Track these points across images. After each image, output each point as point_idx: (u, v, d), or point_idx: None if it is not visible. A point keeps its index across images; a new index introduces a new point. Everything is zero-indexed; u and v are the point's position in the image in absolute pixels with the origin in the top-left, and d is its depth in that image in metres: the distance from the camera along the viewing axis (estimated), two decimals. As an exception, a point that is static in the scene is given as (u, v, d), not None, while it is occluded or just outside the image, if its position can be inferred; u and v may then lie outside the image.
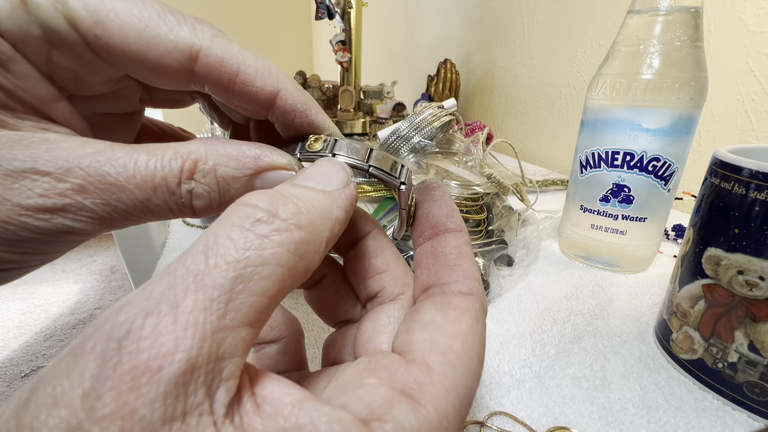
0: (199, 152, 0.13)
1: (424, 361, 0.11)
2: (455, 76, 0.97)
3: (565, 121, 0.79)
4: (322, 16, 0.91)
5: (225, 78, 0.14)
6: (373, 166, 0.14)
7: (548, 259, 0.40)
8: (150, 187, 0.12)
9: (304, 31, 2.74)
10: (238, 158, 0.13)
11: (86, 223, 0.12)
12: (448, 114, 0.37)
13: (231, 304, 0.09)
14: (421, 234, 0.15)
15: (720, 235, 0.22)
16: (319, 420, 0.09)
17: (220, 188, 0.13)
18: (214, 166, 0.13)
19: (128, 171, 0.12)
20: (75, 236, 0.12)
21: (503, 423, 0.21)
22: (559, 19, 0.78)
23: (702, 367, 0.23)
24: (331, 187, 0.12)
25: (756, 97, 0.49)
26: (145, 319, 0.08)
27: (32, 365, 1.39)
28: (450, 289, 0.13)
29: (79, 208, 0.12)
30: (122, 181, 0.12)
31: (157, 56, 0.13)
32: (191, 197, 0.13)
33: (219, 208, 0.13)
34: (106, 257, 2.15)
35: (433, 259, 0.14)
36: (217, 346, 0.09)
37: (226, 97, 0.14)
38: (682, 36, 0.30)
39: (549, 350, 0.26)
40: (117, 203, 0.12)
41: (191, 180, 0.12)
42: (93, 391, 0.07)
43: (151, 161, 0.12)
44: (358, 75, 0.98)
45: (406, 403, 0.10)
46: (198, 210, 0.13)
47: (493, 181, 0.37)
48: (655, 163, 0.33)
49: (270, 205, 0.10)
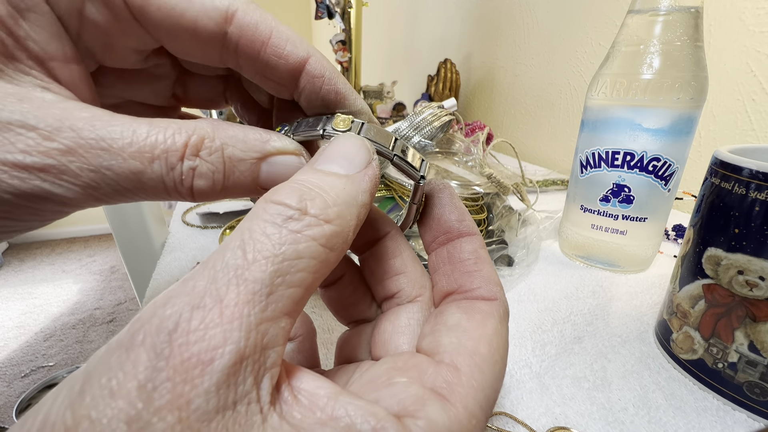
0: (205, 130, 0.12)
1: (452, 362, 0.11)
2: (455, 75, 0.97)
3: (565, 121, 0.79)
4: (322, 16, 0.91)
5: (258, 41, 0.14)
6: (397, 156, 0.14)
7: (548, 259, 0.40)
8: (147, 159, 0.11)
9: (304, 31, 2.74)
10: (246, 140, 0.13)
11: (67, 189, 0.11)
12: (448, 114, 0.37)
13: (272, 296, 0.09)
14: (434, 239, 0.15)
15: (720, 235, 0.22)
16: (354, 413, 0.09)
17: (225, 169, 0.12)
18: (222, 146, 0.12)
19: (125, 139, 0.11)
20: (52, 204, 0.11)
21: (503, 423, 0.21)
22: (559, 19, 0.78)
23: (702, 367, 0.23)
24: (353, 170, 0.12)
25: (756, 97, 0.49)
26: (192, 313, 0.08)
27: (32, 365, 1.39)
28: (473, 295, 0.13)
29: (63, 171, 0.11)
30: (116, 148, 0.11)
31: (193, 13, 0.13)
32: (193, 176, 0.12)
33: (219, 192, 0.13)
34: (106, 257, 2.15)
35: (451, 266, 0.14)
36: (261, 337, 0.09)
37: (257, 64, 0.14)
38: (683, 36, 0.30)
39: (549, 350, 0.26)
40: (107, 171, 0.11)
41: (196, 157, 0.12)
42: (149, 383, 0.08)
43: (153, 132, 0.11)
44: (358, 75, 0.98)
45: (437, 401, 0.10)
46: (197, 191, 0.12)
47: (493, 181, 0.37)
48: (655, 163, 0.33)
49: (299, 203, 0.10)
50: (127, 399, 0.08)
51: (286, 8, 2.63)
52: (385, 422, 0.09)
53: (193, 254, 0.38)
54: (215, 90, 0.18)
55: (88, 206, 0.12)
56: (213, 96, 0.18)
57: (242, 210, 0.47)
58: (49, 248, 2.24)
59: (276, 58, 0.14)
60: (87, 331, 1.58)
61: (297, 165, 0.14)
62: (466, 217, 0.15)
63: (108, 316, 1.67)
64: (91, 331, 1.57)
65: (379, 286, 0.16)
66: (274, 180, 0.13)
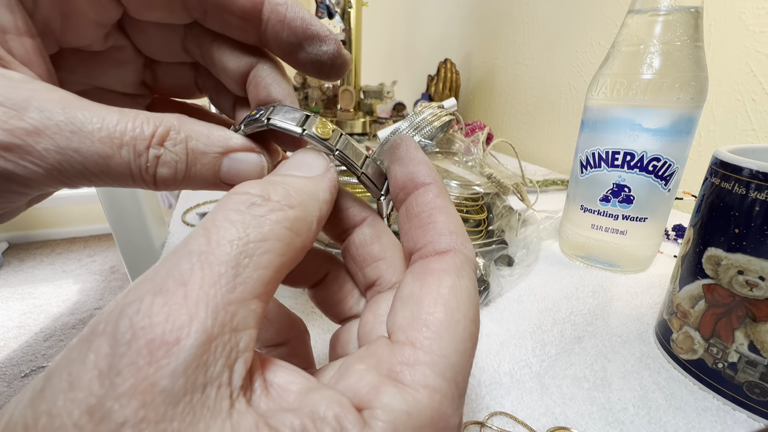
0: (172, 122, 0.13)
1: (407, 339, 0.11)
2: (455, 75, 0.97)
3: (566, 121, 0.79)
4: (321, 16, 0.91)
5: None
6: (364, 174, 0.15)
7: (548, 259, 0.40)
8: (117, 144, 0.12)
9: (304, 31, 2.74)
10: (209, 135, 0.13)
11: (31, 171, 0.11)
12: (448, 114, 0.37)
13: (239, 278, 0.09)
14: (396, 198, 0.14)
15: (720, 235, 0.22)
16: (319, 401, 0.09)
17: (188, 160, 0.13)
18: (186, 138, 0.13)
19: (95, 123, 0.11)
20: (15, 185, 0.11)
21: (503, 423, 0.21)
22: (559, 19, 0.78)
23: (702, 367, 0.23)
24: (313, 173, 0.13)
25: (756, 97, 0.49)
26: (155, 298, 0.08)
27: (32, 365, 1.39)
28: (426, 252, 0.13)
29: (27, 152, 0.11)
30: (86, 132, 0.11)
31: None
32: (157, 163, 0.12)
33: (181, 183, 0.13)
34: (106, 257, 2.15)
35: (408, 223, 0.13)
36: (231, 318, 0.09)
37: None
38: (683, 36, 0.30)
39: (549, 350, 0.26)
40: (74, 153, 0.11)
41: (161, 146, 0.12)
42: (110, 369, 0.07)
43: (123, 120, 0.12)
44: (358, 75, 0.98)
45: (392, 387, 0.10)
46: (160, 179, 0.13)
47: (494, 181, 0.37)
48: (655, 163, 0.33)
49: (262, 191, 0.11)
50: (87, 389, 0.07)
51: (286, 8, 2.62)
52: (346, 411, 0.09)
53: (193, 254, 0.38)
54: (186, 78, 0.18)
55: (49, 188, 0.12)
56: (185, 84, 0.18)
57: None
58: (49, 248, 2.24)
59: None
60: (87, 331, 1.58)
61: (257, 162, 0.14)
62: (421, 167, 0.14)
63: (108, 316, 1.67)
64: (91, 331, 1.57)
65: (361, 275, 0.15)
66: (234, 175, 0.14)
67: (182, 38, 0.16)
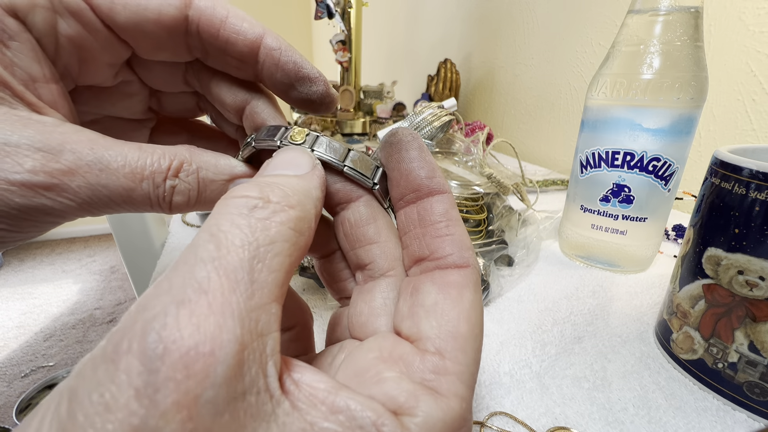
0: (184, 155, 0.14)
1: (436, 350, 0.12)
2: (455, 75, 0.97)
3: (565, 121, 0.79)
4: (321, 16, 0.91)
5: (216, 20, 0.15)
6: (347, 166, 0.15)
7: (548, 259, 0.40)
8: (138, 179, 0.13)
9: (303, 30, 2.74)
10: (217, 165, 0.15)
11: (66, 204, 0.12)
12: (448, 114, 0.37)
13: (255, 283, 0.09)
14: (402, 197, 0.15)
15: (720, 235, 0.22)
16: (355, 407, 0.10)
17: (199, 188, 0.15)
18: (197, 168, 0.15)
19: (119, 161, 0.13)
20: (51, 217, 0.13)
21: (503, 423, 0.21)
22: (559, 19, 0.78)
23: (702, 367, 0.23)
24: (301, 171, 0.13)
25: (756, 97, 0.49)
26: (179, 309, 0.08)
27: (32, 365, 1.39)
28: (446, 263, 0.13)
29: (64, 189, 0.12)
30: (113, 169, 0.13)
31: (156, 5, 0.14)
32: (173, 192, 0.14)
33: (193, 206, 0.15)
34: (106, 257, 2.15)
35: (422, 229, 0.14)
36: (255, 324, 0.09)
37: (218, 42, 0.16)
38: (683, 36, 0.30)
39: (549, 350, 0.26)
40: (102, 189, 0.13)
41: (176, 177, 0.14)
42: (147, 387, 0.07)
43: (143, 156, 0.13)
44: (358, 75, 0.98)
45: (429, 396, 0.11)
46: (175, 205, 0.14)
47: (493, 181, 0.37)
48: (655, 163, 0.33)
49: (261, 193, 0.11)
50: (126, 410, 0.07)
51: (286, 8, 2.63)
52: (384, 418, 0.10)
53: (193, 254, 0.38)
54: (189, 103, 0.20)
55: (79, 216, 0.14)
56: (188, 107, 0.20)
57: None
58: (49, 248, 2.24)
59: (235, 35, 0.15)
60: (87, 331, 1.58)
61: None
62: (437, 173, 0.14)
63: (108, 316, 1.67)
64: (91, 331, 1.57)
65: (352, 253, 0.15)
66: None
67: (183, 72, 0.18)
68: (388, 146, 0.15)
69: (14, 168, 0.12)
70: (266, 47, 0.16)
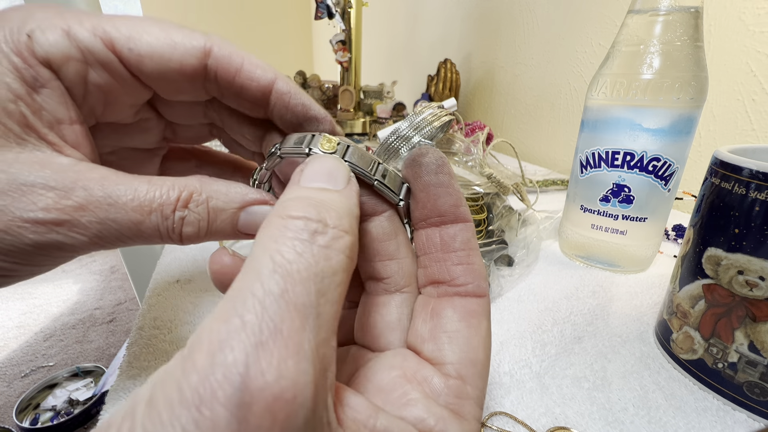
0: (194, 185, 0.15)
1: (458, 375, 0.13)
2: (455, 75, 0.97)
3: (565, 121, 0.79)
4: (321, 16, 0.91)
5: (232, 68, 0.16)
6: (378, 180, 0.14)
7: (548, 259, 0.40)
8: (147, 211, 0.14)
9: (304, 31, 2.74)
10: (227, 194, 0.15)
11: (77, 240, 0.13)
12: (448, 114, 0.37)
13: (320, 318, 0.09)
14: (426, 218, 0.15)
15: (720, 235, 0.22)
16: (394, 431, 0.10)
17: (209, 218, 0.15)
18: (207, 198, 0.15)
19: (128, 195, 0.13)
20: (64, 252, 0.13)
21: (503, 423, 0.21)
22: (559, 19, 0.78)
23: (702, 367, 0.23)
24: (340, 186, 0.13)
25: (756, 97, 0.49)
26: (258, 351, 0.08)
27: (32, 365, 1.39)
28: (465, 291, 0.14)
29: (75, 225, 0.13)
30: (121, 204, 0.13)
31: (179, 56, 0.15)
32: (182, 224, 0.14)
33: (203, 237, 0.15)
34: (106, 257, 2.15)
35: (444, 254, 0.15)
36: (321, 360, 0.09)
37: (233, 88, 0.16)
38: (683, 36, 0.30)
39: (549, 350, 0.26)
40: (111, 223, 0.13)
41: (185, 208, 0.14)
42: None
43: (152, 189, 0.14)
44: (358, 75, 0.98)
45: (456, 419, 0.12)
46: (185, 236, 0.15)
47: (493, 181, 0.37)
48: (655, 163, 0.33)
49: (319, 215, 0.11)
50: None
51: (286, 8, 2.63)
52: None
53: (193, 254, 0.38)
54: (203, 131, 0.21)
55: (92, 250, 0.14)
56: (202, 135, 0.21)
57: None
58: (49, 248, 2.23)
59: (249, 81, 0.16)
60: (87, 331, 1.58)
61: None
62: (462, 202, 0.15)
63: (108, 316, 1.67)
64: (91, 331, 1.57)
65: (369, 265, 0.16)
66: (250, 226, 0.15)
67: (204, 108, 0.19)
68: (417, 166, 0.15)
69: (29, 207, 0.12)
70: (277, 91, 0.17)
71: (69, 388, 1.22)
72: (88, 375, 1.28)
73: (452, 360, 0.13)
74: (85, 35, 0.14)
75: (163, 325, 0.27)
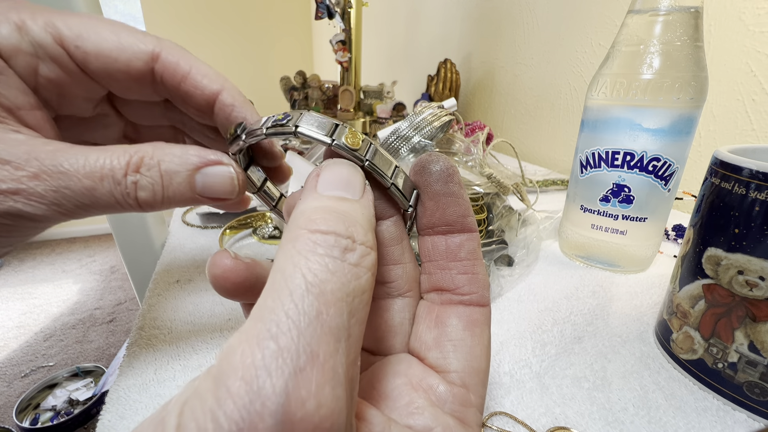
0: (146, 150, 0.15)
1: (462, 383, 0.13)
2: (455, 75, 0.97)
3: (565, 121, 0.79)
4: (322, 16, 0.91)
5: (178, 75, 0.17)
6: (394, 185, 0.14)
7: (548, 259, 0.40)
8: (98, 177, 0.14)
9: (304, 31, 2.74)
10: (182, 156, 0.15)
11: (36, 207, 0.14)
12: (448, 114, 0.37)
13: (350, 339, 0.09)
14: (434, 227, 0.15)
15: (720, 235, 0.22)
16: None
17: (163, 181, 0.15)
18: (159, 162, 0.15)
19: (79, 163, 0.14)
20: (26, 221, 0.14)
21: (503, 423, 0.21)
22: (559, 19, 0.78)
23: (702, 367, 0.23)
24: (358, 195, 0.12)
25: (756, 97, 0.49)
26: (297, 379, 0.08)
27: (32, 365, 1.39)
28: (469, 300, 0.14)
29: (31, 193, 0.13)
30: (72, 171, 0.14)
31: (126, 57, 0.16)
32: (136, 189, 0.15)
33: (163, 202, 0.15)
34: (106, 257, 2.15)
35: (448, 262, 0.15)
36: (350, 383, 0.09)
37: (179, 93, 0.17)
38: (682, 36, 0.30)
39: (549, 350, 0.26)
40: (66, 190, 0.14)
41: (137, 173, 0.14)
42: None
43: (102, 156, 0.14)
44: (358, 75, 0.98)
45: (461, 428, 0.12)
46: (142, 201, 0.15)
47: (493, 181, 0.37)
48: (655, 163, 0.33)
49: (347, 231, 0.10)
50: None
51: (286, 8, 2.63)
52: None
53: (193, 254, 0.38)
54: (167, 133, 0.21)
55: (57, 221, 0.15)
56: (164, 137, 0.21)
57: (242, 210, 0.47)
58: (49, 248, 2.24)
59: (193, 89, 0.17)
60: (87, 331, 1.58)
61: (227, 174, 0.16)
62: (470, 213, 0.15)
63: (108, 316, 1.67)
64: (91, 331, 1.57)
65: None
66: (210, 188, 0.16)
67: (163, 109, 0.19)
68: (428, 174, 0.14)
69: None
70: (221, 102, 0.17)
71: (69, 388, 1.22)
72: (88, 375, 1.28)
73: (456, 368, 0.13)
74: (36, 30, 0.15)
75: (163, 325, 0.27)
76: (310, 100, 1.00)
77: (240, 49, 2.58)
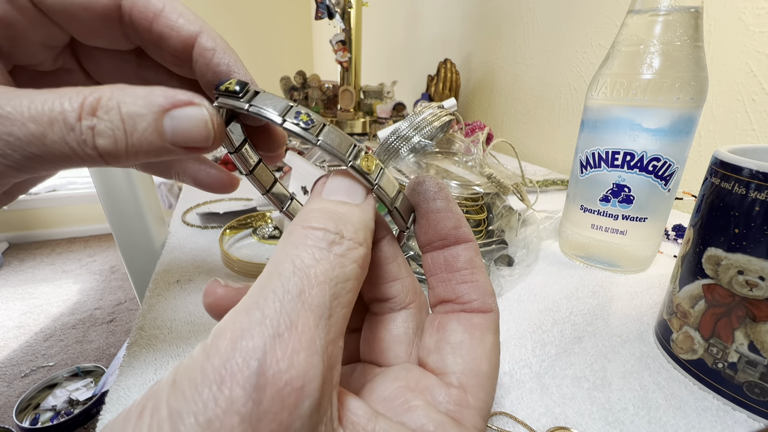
0: (103, 92, 0.12)
1: (460, 384, 0.13)
2: (455, 75, 0.97)
3: (565, 121, 0.79)
4: (322, 16, 0.91)
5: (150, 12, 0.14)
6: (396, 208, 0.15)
7: (548, 259, 0.40)
8: (46, 121, 0.12)
9: (304, 31, 2.74)
10: (146, 97, 0.13)
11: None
12: (448, 114, 0.37)
13: (332, 318, 0.10)
14: (430, 243, 0.15)
15: (720, 235, 0.22)
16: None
17: (125, 126, 0.12)
18: (118, 104, 0.12)
19: (23, 105, 0.12)
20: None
21: (503, 423, 0.21)
22: (559, 19, 0.78)
23: (702, 367, 0.23)
24: (359, 200, 0.13)
25: (756, 97, 0.49)
26: (275, 342, 0.09)
27: (32, 365, 1.38)
28: (471, 307, 0.14)
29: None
30: (15, 114, 0.11)
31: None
32: (93, 134, 0.12)
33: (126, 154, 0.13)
34: (106, 257, 2.15)
35: (448, 274, 0.15)
36: (330, 358, 0.10)
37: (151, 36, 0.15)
38: (682, 36, 0.30)
39: (549, 350, 0.26)
40: (10, 138, 0.12)
41: (93, 116, 0.12)
42: (252, 416, 0.08)
43: (51, 98, 0.12)
44: (358, 75, 0.98)
45: (455, 426, 0.12)
46: (102, 151, 0.12)
47: (493, 181, 0.37)
48: (655, 163, 0.33)
49: (336, 228, 0.11)
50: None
51: (286, 8, 2.63)
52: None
53: (193, 254, 0.38)
54: None
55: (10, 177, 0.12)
56: None
57: (242, 210, 0.47)
58: (49, 248, 2.23)
59: (168, 30, 0.15)
60: (87, 331, 1.58)
61: (200, 116, 0.13)
62: (462, 223, 0.15)
63: (108, 316, 1.67)
64: (91, 331, 1.57)
65: (374, 288, 0.16)
66: (182, 135, 0.13)
67: (136, 68, 0.17)
68: (416, 195, 0.15)
69: None
70: (200, 46, 0.15)
71: (69, 388, 1.22)
72: (88, 375, 1.28)
73: (455, 370, 0.13)
74: None
75: (163, 325, 0.27)
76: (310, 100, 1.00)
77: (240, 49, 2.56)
